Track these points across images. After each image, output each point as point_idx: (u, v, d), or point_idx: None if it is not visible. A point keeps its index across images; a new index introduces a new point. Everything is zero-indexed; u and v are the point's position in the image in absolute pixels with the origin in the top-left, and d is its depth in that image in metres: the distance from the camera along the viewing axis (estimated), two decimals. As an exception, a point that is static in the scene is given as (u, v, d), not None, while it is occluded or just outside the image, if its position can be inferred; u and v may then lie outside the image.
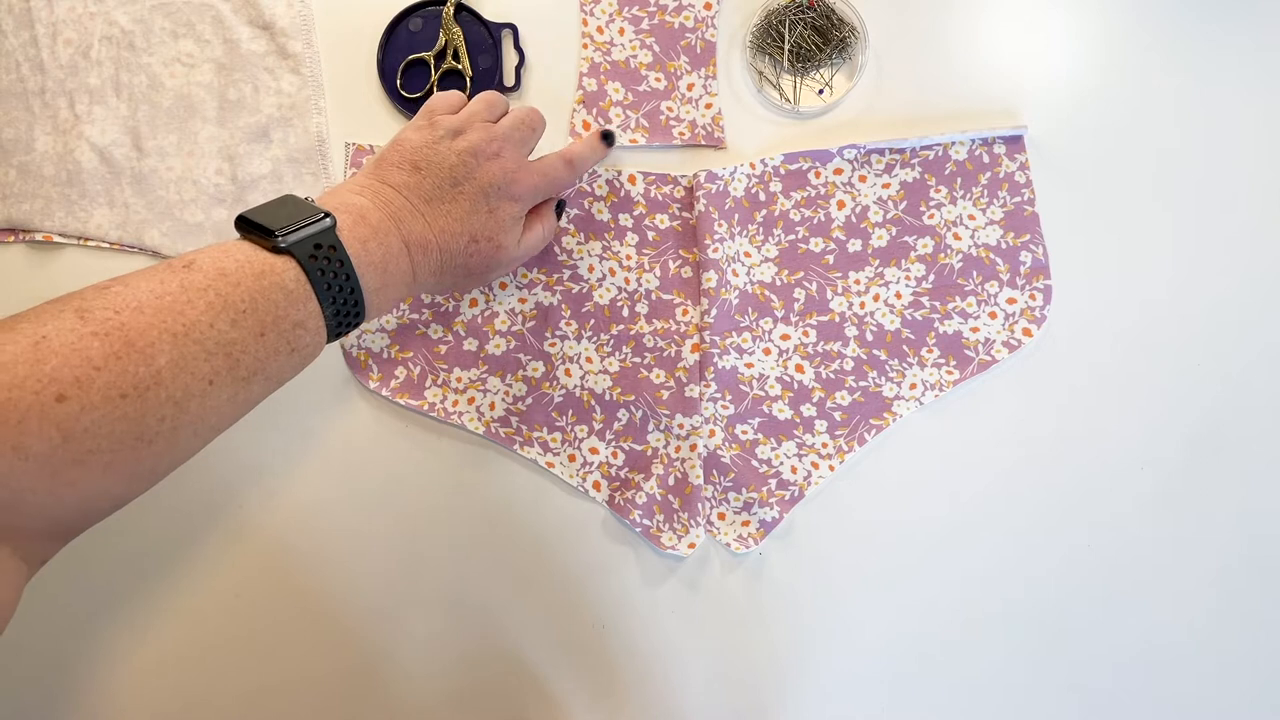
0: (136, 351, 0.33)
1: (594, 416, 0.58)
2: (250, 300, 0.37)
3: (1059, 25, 0.60)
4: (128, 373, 0.33)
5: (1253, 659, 0.56)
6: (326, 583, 0.58)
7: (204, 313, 0.36)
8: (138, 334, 0.34)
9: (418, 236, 0.46)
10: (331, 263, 0.40)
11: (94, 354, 0.32)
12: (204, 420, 0.36)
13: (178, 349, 0.34)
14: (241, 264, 0.38)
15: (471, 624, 0.58)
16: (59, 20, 0.61)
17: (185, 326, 0.35)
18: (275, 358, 0.38)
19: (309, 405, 0.58)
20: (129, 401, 0.33)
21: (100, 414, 0.32)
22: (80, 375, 0.32)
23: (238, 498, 0.58)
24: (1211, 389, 0.57)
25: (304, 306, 0.39)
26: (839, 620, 0.57)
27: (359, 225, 0.43)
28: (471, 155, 0.48)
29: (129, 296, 0.35)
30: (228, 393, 0.37)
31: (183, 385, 0.34)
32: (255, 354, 0.37)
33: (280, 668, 0.58)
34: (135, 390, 0.33)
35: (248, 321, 0.37)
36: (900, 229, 0.59)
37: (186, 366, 0.35)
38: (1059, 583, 0.57)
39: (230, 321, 0.36)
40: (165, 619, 0.58)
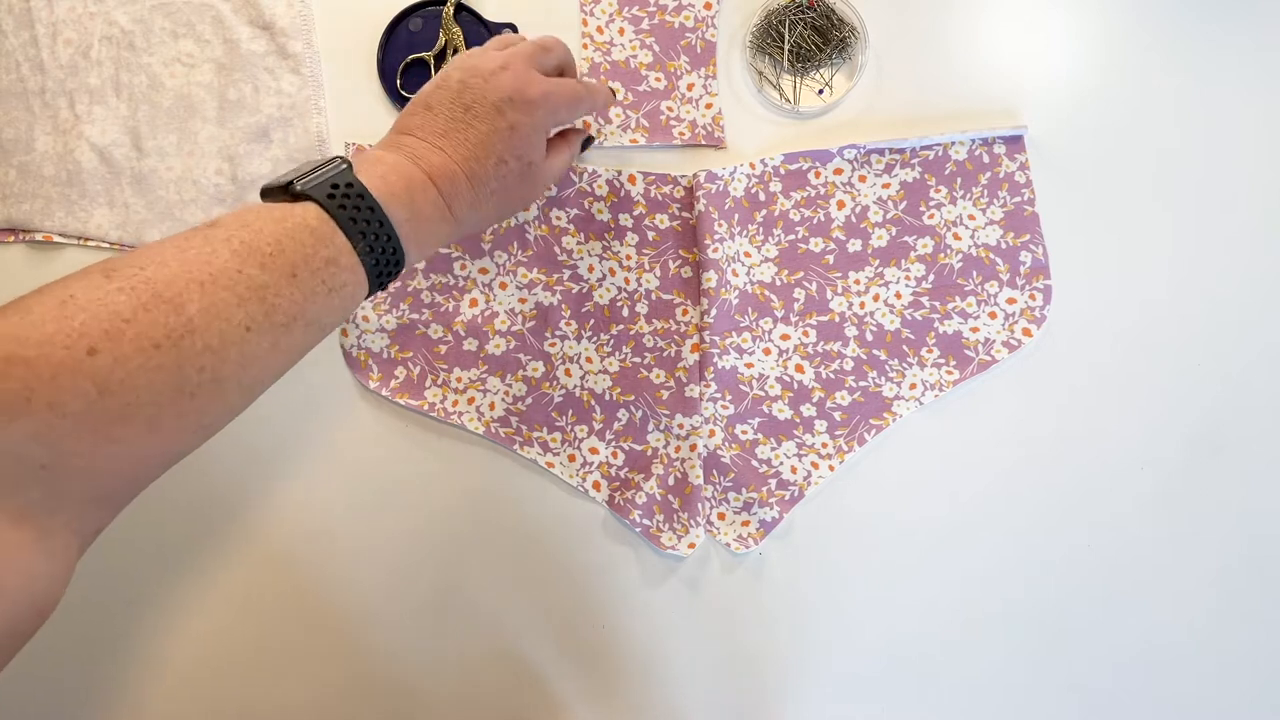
0: (165, 302, 0.33)
1: (594, 416, 0.58)
2: (275, 243, 0.37)
3: (1059, 25, 0.60)
4: (158, 323, 0.32)
5: (1253, 659, 0.56)
6: (325, 582, 0.58)
7: (230, 260, 0.35)
8: (164, 285, 0.33)
9: (440, 168, 0.45)
10: (351, 198, 0.40)
11: (121, 307, 0.32)
12: (247, 370, 0.36)
13: (207, 296, 0.34)
14: (262, 214, 0.38)
15: (471, 624, 0.58)
16: (59, 20, 0.61)
17: (212, 274, 0.34)
18: (313, 299, 0.38)
19: (309, 405, 0.58)
20: (163, 352, 0.32)
21: (134, 365, 0.32)
22: (109, 328, 0.31)
23: (237, 497, 0.58)
24: (1211, 389, 0.57)
25: (332, 242, 0.39)
26: (839, 620, 0.57)
27: (376, 164, 0.43)
28: (476, 75, 0.47)
29: (153, 254, 0.35)
30: (268, 339, 0.36)
31: (218, 332, 0.34)
32: (290, 296, 0.37)
33: (279, 668, 0.58)
34: (169, 340, 0.32)
35: (276, 264, 0.36)
36: (900, 229, 0.59)
37: (219, 313, 0.34)
38: (1059, 582, 0.57)
39: (259, 265, 0.36)
40: (163, 618, 0.58)
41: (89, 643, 0.58)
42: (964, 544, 0.57)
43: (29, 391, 0.30)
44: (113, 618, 0.58)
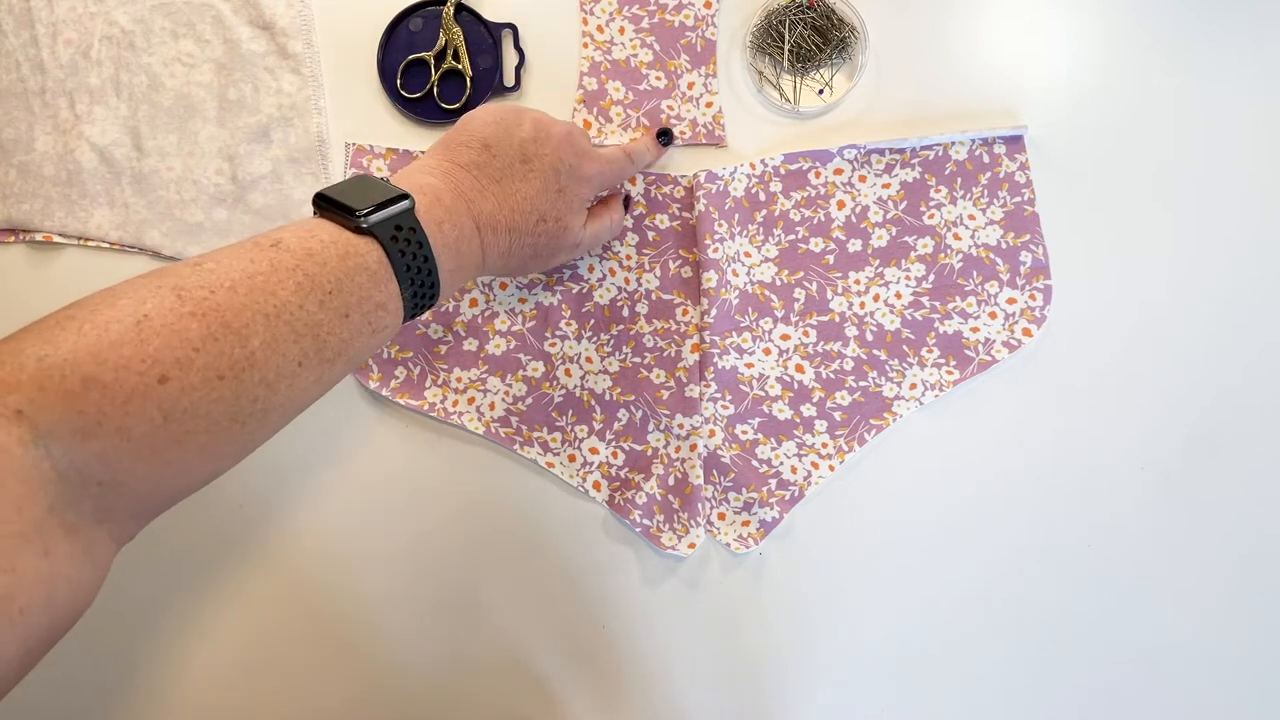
0: (233, 333, 0.34)
1: (594, 416, 0.58)
2: (336, 282, 0.37)
3: (1059, 25, 0.60)
4: (224, 354, 0.33)
5: (1253, 658, 0.56)
6: (324, 583, 0.58)
7: (294, 294, 0.36)
8: (233, 315, 0.34)
9: (488, 217, 0.46)
10: (411, 244, 0.40)
11: (193, 335, 0.33)
12: (291, 401, 0.37)
13: (270, 330, 0.35)
14: (326, 244, 0.38)
15: (471, 624, 0.58)
16: (59, 20, 0.61)
17: (276, 308, 0.35)
18: (358, 339, 0.39)
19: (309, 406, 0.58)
20: (225, 383, 0.33)
21: (199, 395, 0.33)
22: (181, 357, 0.32)
23: (236, 497, 0.58)
24: (1211, 388, 0.57)
25: (385, 288, 0.39)
26: (839, 620, 0.57)
27: (434, 207, 0.43)
28: (543, 131, 0.48)
29: (222, 275, 0.35)
30: (314, 374, 0.37)
31: (275, 367, 0.35)
32: (340, 335, 0.37)
33: (276, 666, 0.58)
34: (231, 372, 0.33)
35: (334, 303, 0.37)
36: (900, 229, 0.59)
37: (278, 348, 0.35)
38: (1059, 582, 0.57)
39: (318, 303, 0.36)
40: (163, 618, 0.58)
41: (95, 652, 0.58)
42: (964, 544, 0.57)
43: (102, 416, 0.30)
44: (110, 619, 0.58)
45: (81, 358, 0.31)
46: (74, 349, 0.31)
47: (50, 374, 0.30)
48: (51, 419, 0.30)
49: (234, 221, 0.60)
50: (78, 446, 0.30)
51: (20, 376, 0.30)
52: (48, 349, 0.31)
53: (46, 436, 0.30)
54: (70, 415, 0.30)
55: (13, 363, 0.30)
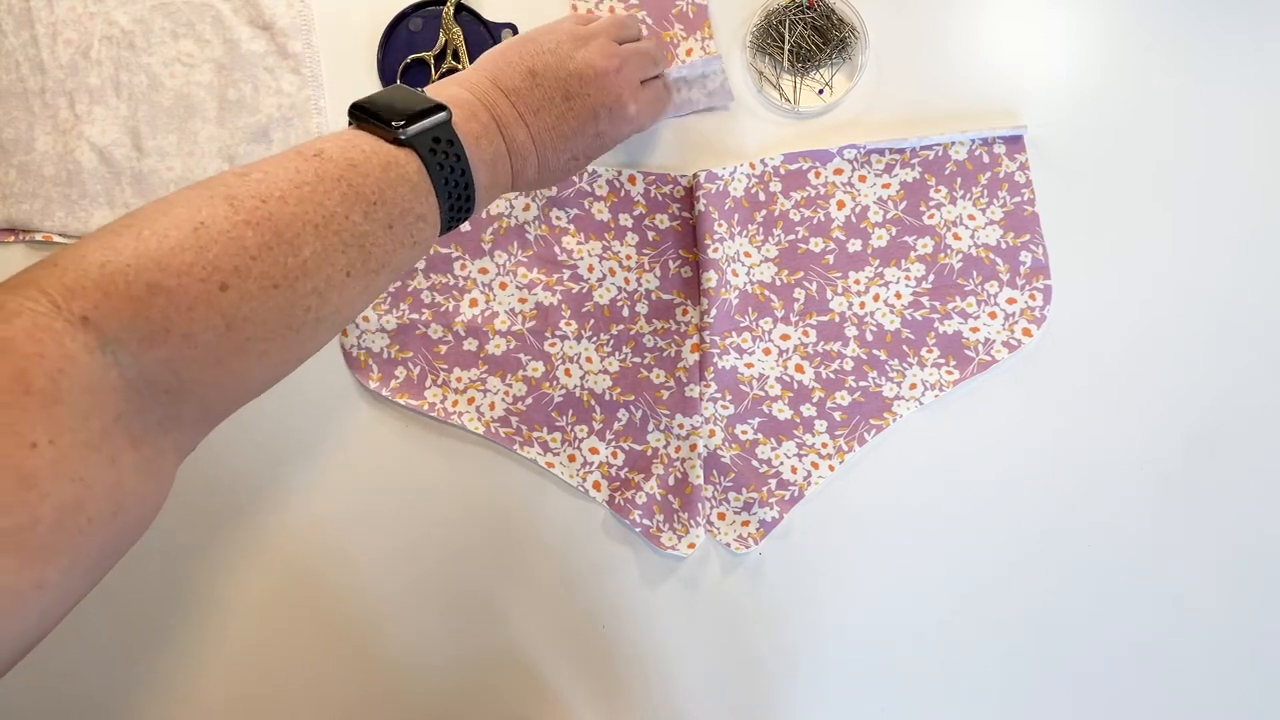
0: (285, 242, 0.34)
1: (594, 416, 0.58)
2: (379, 192, 0.37)
3: (1059, 25, 0.60)
4: (279, 263, 0.34)
5: (1253, 657, 0.56)
6: (325, 583, 0.58)
7: (340, 204, 0.36)
8: (285, 225, 0.34)
9: (520, 145, 0.45)
10: (449, 157, 0.40)
11: (249, 243, 0.33)
12: (340, 311, 0.37)
13: (320, 240, 0.35)
14: (368, 155, 0.38)
15: (471, 624, 0.58)
16: (59, 20, 0.61)
17: (325, 218, 0.35)
18: (400, 250, 0.39)
19: (309, 405, 0.58)
20: (280, 292, 0.34)
21: (257, 303, 0.33)
22: (239, 265, 0.32)
23: (236, 497, 0.58)
24: (1211, 388, 0.57)
25: (425, 200, 0.39)
26: (839, 620, 0.57)
27: (470, 121, 0.43)
28: (591, 70, 0.47)
29: (271, 185, 0.35)
30: (361, 284, 0.37)
31: (325, 276, 0.35)
32: (384, 246, 0.38)
33: (277, 666, 0.58)
34: (286, 280, 0.34)
35: (378, 214, 0.37)
36: (900, 229, 0.59)
37: (328, 258, 0.35)
38: (1059, 582, 0.57)
39: (363, 214, 0.37)
40: (161, 618, 0.58)
41: (91, 649, 0.58)
42: (964, 543, 0.57)
43: (168, 322, 0.31)
44: (109, 617, 0.58)
45: (145, 263, 0.31)
46: (136, 254, 0.31)
47: (115, 279, 0.30)
48: (118, 325, 0.30)
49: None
50: (145, 353, 0.30)
51: (84, 282, 0.30)
52: (109, 255, 0.31)
53: (114, 343, 0.30)
54: (137, 321, 0.30)
55: (76, 269, 0.30)
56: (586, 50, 0.47)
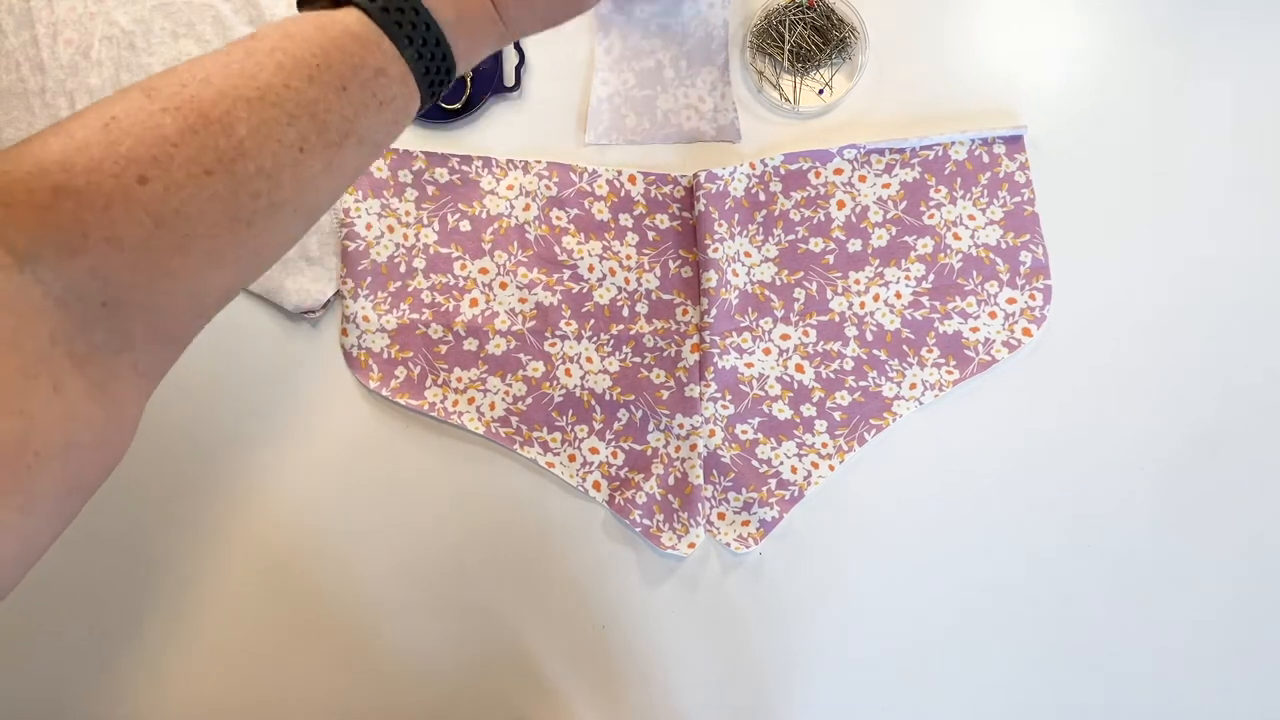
0: (213, 123, 0.31)
1: (594, 416, 0.58)
2: (321, 53, 0.34)
3: (1059, 25, 0.60)
4: (208, 147, 0.30)
5: (1254, 657, 0.56)
6: (325, 582, 0.58)
7: (275, 74, 0.33)
8: (211, 104, 0.31)
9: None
10: (404, 10, 0.36)
11: (168, 131, 0.30)
12: (302, 196, 0.34)
13: (256, 114, 0.32)
14: (302, 23, 0.35)
15: (471, 624, 0.58)
16: (59, 20, 0.61)
17: (259, 90, 0.32)
18: (365, 114, 0.35)
19: (309, 405, 0.58)
20: (216, 178, 0.30)
21: (188, 194, 0.30)
22: (158, 154, 0.29)
23: (236, 497, 0.58)
24: (1211, 388, 0.57)
25: (379, 50, 0.35)
26: (839, 619, 0.57)
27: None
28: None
29: (195, 70, 0.32)
30: (321, 161, 0.34)
31: (270, 154, 0.32)
32: (341, 112, 0.34)
33: (278, 667, 0.58)
34: (220, 165, 0.31)
35: (325, 77, 0.33)
36: (900, 229, 0.59)
37: (270, 133, 0.32)
38: (1059, 582, 0.57)
39: (306, 78, 0.33)
40: (162, 620, 0.58)
41: (85, 639, 0.58)
42: (964, 543, 0.57)
43: (84, 226, 0.28)
44: (109, 616, 0.58)
45: (47, 167, 0.28)
46: (37, 160, 0.28)
47: (14, 189, 0.28)
48: (29, 237, 0.27)
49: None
50: (66, 264, 0.28)
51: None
52: (9, 165, 0.28)
53: (30, 259, 0.27)
54: (48, 230, 0.28)
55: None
56: None
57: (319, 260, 0.59)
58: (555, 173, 0.59)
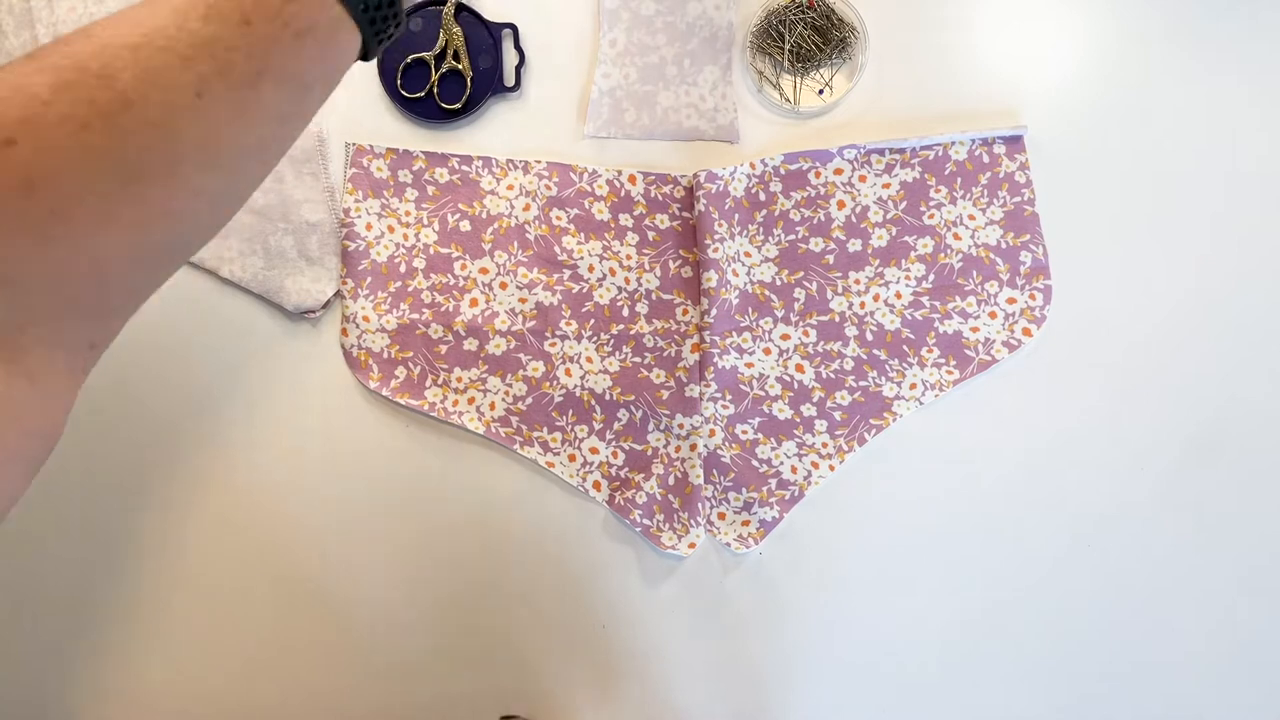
0: (91, 75, 0.28)
1: (594, 416, 0.58)
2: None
3: (1059, 25, 0.60)
4: (83, 100, 0.28)
5: (1254, 656, 0.56)
6: (325, 582, 0.58)
7: (169, 16, 0.29)
8: (90, 57, 0.28)
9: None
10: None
11: (39, 88, 0.27)
12: (209, 145, 0.30)
13: (141, 61, 0.28)
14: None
15: (471, 622, 0.58)
16: (59, 20, 0.61)
17: (146, 35, 0.29)
18: (277, 47, 0.31)
19: (309, 404, 0.58)
20: (94, 133, 0.28)
21: (64, 154, 0.27)
22: (26, 115, 0.27)
23: (235, 497, 0.58)
24: (1211, 388, 0.57)
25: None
26: (839, 619, 0.57)
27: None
28: None
29: (87, 27, 0.29)
30: (229, 105, 0.30)
31: (160, 103, 0.28)
32: (248, 48, 0.30)
33: (275, 666, 0.58)
34: (100, 119, 0.28)
35: (222, 11, 0.30)
36: (900, 229, 0.59)
37: (158, 79, 0.28)
38: (1059, 582, 0.57)
39: (201, 17, 0.30)
40: (162, 621, 0.58)
41: (79, 634, 0.58)
42: (964, 543, 0.57)
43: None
44: (109, 618, 0.58)
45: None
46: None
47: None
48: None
49: (234, 221, 0.59)
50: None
51: None
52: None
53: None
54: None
55: None
56: None
57: (319, 260, 0.59)
58: (555, 173, 0.59)
